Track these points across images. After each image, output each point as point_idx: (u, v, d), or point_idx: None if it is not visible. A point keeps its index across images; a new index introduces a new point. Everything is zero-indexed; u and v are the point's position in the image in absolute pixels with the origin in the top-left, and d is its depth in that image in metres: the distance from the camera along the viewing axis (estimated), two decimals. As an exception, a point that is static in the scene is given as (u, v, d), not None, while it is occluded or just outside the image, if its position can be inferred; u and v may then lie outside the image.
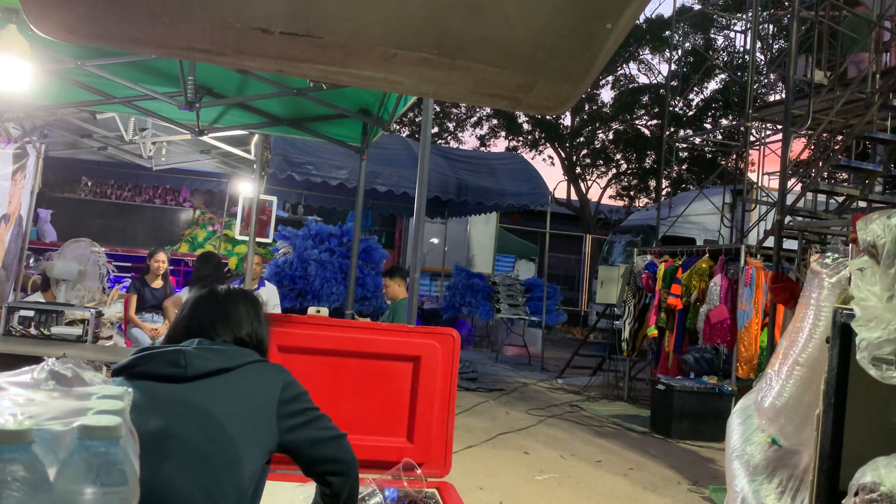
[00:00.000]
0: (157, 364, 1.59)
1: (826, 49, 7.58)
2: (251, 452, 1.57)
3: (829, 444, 2.30)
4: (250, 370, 1.66)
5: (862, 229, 2.26)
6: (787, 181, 6.32)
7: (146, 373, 1.58)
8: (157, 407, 1.53)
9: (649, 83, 20.24)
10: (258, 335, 1.80)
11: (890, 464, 1.90)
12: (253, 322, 1.80)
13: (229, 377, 1.62)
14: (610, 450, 5.92)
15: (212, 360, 1.62)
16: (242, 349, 1.71)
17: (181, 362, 1.58)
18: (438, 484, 2.37)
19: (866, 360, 2.02)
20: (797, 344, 3.05)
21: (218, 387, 1.60)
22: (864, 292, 2.15)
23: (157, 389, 1.56)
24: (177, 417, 1.53)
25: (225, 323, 1.75)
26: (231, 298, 1.81)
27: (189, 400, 1.56)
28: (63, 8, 1.04)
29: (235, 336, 1.74)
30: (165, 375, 1.57)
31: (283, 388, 1.67)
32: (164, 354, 1.60)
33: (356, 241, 5.38)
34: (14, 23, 3.15)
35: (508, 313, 11.15)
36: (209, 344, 1.67)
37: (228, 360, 1.64)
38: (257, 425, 1.61)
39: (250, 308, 1.82)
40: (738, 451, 3.30)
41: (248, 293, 1.89)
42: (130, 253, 9.72)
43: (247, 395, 1.62)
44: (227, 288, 1.87)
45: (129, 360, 1.61)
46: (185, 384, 1.57)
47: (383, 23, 1.08)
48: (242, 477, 1.54)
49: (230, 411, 1.58)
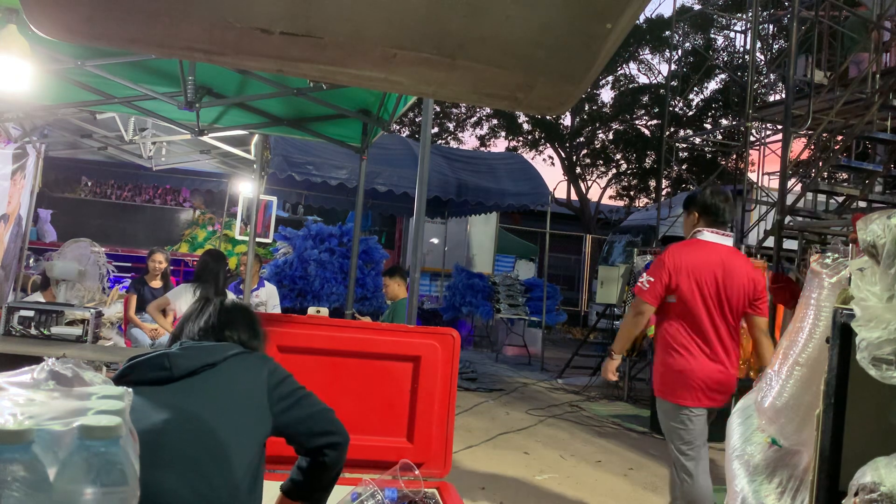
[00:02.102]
0: (144, 370, 1.64)
1: (826, 49, 7.58)
2: (243, 443, 1.60)
3: (829, 444, 2.30)
4: (234, 362, 1.71)
5: (862, 229, 2.26)
6: (787, 181, 6.32)
7: (135, 380, 1.62)
8: (147, 410, 1.56)
9: (649, 83, 20.25)
10: (252, 348, 1.84)
11: (890, 464, 1.90)
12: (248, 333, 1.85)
13: (215, 372, 1.67)
14: (610, 450, 5.92)
15: (196, 357, 1.67)
16: (225, 343, 1.76)
17: (166, 364, 1.63)
18: (438, 484, 2.37)
19: (866, 360, 2.02)
20: (797, 344, 3.05)
21: (205, 383, 1.64)
22: (864, 292, 2.15)
23: (148, 393, 1.59)
24: (166, 418, 1.56)
25: (215, 333, 1.81)
26: (226, 310, 1.87)
27: (177, 400, 1.60)
28: (63, 8, 1.04)
29: (221, 338, 1.80)
30: (153, 380, 1.62)
31: (269, 373, 1.72)
32: (150, 360, 1.65)
33: (356, 241, 5.38)
34: (14, 23, 3.15)
35: (508, 313, 11.15)
36: (193, 343, 1.73)
37: (212, 355, 1.69)
38: (248, 415, 1.65)
39: (244, 320, 1.87)
40: (738, 451, 3.30)
41: (243, 306, 1.96)
42: (130, 253, 9.72)
43: (235, 386, 1.67)
44: (223, 300, 1.93)
45: (121, 370, 1.67)
46: (173, 385, 1.62)
47: (383, 23, 1.09)
48: (234, 470, 1.56)
49: (219, 405, 1.62)
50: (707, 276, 3.36)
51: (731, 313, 3.39)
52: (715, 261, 3.38)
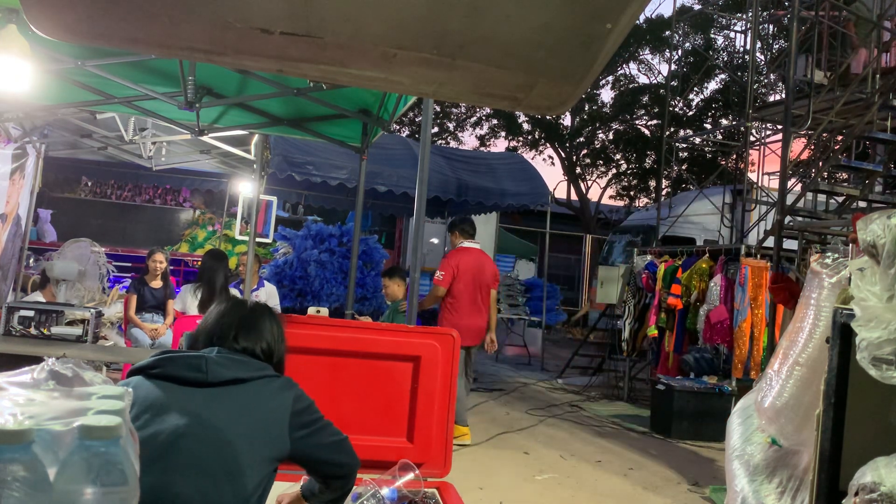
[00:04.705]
0: (178, 367, 1.64)
1: (826, 49, 7.57)
2: (257, 461, 1.61)
3: (829, 444, 2.30)
4: (263, 384, 1.71)
5: (862, 229, 2.26)
6: (787, 181, 6.32)
7: (167, 374, 1.63)
8: (175, 408, 1.57)
9: (649, 83, 20.25)
10: (278, 352, 1.86)
11: (890, 464, 1.90)
12: (276, 338, 1.85)
13: (244, 388, 1.67)
14: (610, 450, 5.92)
15: (230, 369, 1.67)
16: (259, 362, 1.77)
17: (203, 368, 1.63)
18: (438, 484, 2.37)
19: (866, 360, 2.02)
20: (797, 344, 3.05)
21: (233, 396, 1.65)
22: (864, 292, 2.15)
23: (176, 391, 1.60)
24: (191, 420, 1.57)
25: (247, 333, 1.80)
26: (258, 312, 1.87)
27: (205, 405, 1.61)
28: (63, 8, 1.04)
29: (254, 347, 1.79)
30: (186, 379, 1.62)
31: (294, 400, 1.73)
32: (187, 359, 1.65)
33: (356, 241, 5.38)
34: (14, 23, 3.15)
35: (508, 313, 11.15)
36: (228, 353, 1.73)
37: (245, 371, 1.69)
38: (266, 436, 1.66)
39: (274, 325, 1.87)
40: (738, 451, 3.30)
41: (271, 309, 1.95)
42: (130, 253, 9.72)
43: (258, 407, 1.67)
44: (255, 302, 1.94)
45: (151, 360, 1.66)
46: (204, 389, 1.62)
47: (383, 23, 1.08)
48: (246, 485, 1.58)
49: (241, 421, 1.63)
50: (472, 268, 5.68)
51: (483, 289, 5.73)
52: (474, 259, 5.75)
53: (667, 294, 7.57)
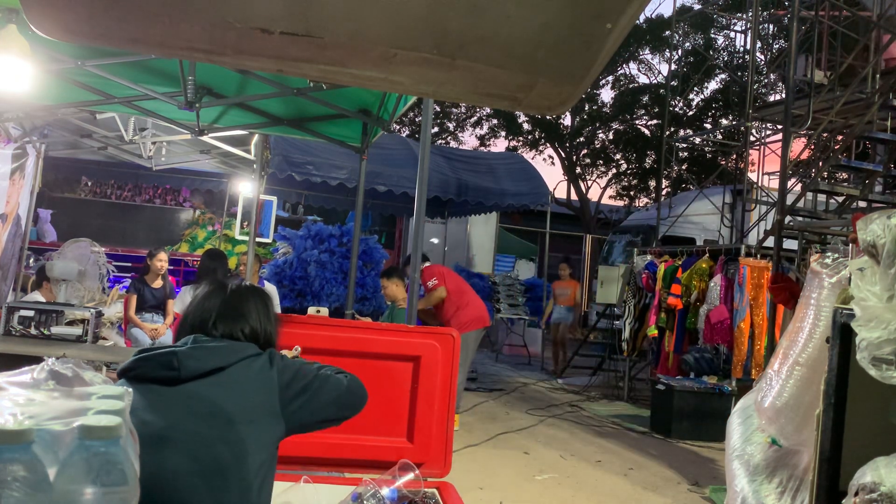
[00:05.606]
0: (152, 367, 1.58)
1: (826, 49, 7.57)
2: (254, 446, 1.57)
3: (829, 444, 2.30)
4: (244, 366, 1.64)
5: (862, 229, 2.26)
6: (787, 181, 6.32)
7: (144, 376, 1.57)
8: (155, 410, 1.52)
9: (649, 83, 20.21)
10: (266, 332, 1.78)
11: (890, 464, 1.90)
12: (261, 318, 1.77)
13: (225, 375, 1.60)
14: (610, 450, 5.92)
15: (205, 359, 1.60)
16: (238, 344, 1.69)
17: (174, 364, 1.56)
18: (438, 484, 2.37)
19: (866, 360, 2.02)
20: (797, 344, 3.05)
21: (214, 386, 1.59)
22: (864, 292, 2.15)
23: (154, 392, 1.55)
24: (175, 420, 1.52)
25: (227, 318, 1.72)
26: (240, 294, 1.79)
27: (185, 402, 1.55)
28: (63, 8, 1.04)
29: (234, 332, 1.72)
30: (161, 378, 1.56)
31: (279, 373, 1.66)
32: (159, 357, 1.59)
33: (356, 241, 5.38)
34: (14, 23, 3.15)
35: (508, 313, 11.15)
36: (204, 341, 1.65)
37: (223, 357, 1.62)
38: (259, 418, 1.60)
39: (259, 304, 1.79)
40: (738, 451, 3.30)
41: (258, 289, 1.87)
42: (130, 253, 9.72)
43: (244, 391, 1.61)
44: (238, 283, 1.84)
45: (129, 362, 1.61)
46: (181, 386, 1.57)
47: (383, 23, 1.08)
48: (246, 472, 1.54)
49: (229, 409, 1.57)
50: (448, 271, 6.85)
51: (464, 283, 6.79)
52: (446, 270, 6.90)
53: (667, 294, 7.58)
